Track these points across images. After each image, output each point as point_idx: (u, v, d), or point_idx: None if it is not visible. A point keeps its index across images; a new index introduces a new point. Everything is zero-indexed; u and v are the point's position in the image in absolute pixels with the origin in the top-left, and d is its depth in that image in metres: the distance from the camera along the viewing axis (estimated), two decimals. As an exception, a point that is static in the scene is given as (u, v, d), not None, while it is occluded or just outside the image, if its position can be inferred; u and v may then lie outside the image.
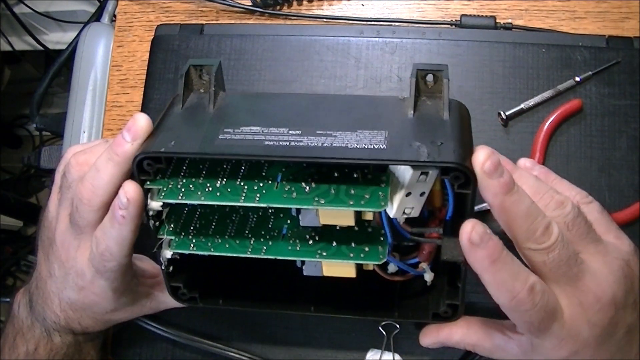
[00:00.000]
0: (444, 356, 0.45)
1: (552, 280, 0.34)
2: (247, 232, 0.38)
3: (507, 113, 0.48)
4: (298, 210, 0.36)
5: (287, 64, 0.51)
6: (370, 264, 0.37)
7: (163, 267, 0.38)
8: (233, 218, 0.39)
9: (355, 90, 0.50)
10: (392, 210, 0.34)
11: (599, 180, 0.47)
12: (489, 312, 0.37)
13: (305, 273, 0.38)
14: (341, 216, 0.34)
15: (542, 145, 0.47)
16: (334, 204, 0.33)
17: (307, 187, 0.34)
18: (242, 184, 0.35)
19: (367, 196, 0.33)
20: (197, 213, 0.39)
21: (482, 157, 0.32)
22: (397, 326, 0.45)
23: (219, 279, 0.43)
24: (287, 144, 0.34)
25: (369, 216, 0.36)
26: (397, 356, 0.45)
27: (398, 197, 0.34)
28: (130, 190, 0.35)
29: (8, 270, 1.13)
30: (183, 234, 0.38)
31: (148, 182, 0.35)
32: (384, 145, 0.33)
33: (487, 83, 0.49)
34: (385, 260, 0.36)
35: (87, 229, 0.38)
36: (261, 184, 0.35)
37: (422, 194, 0.34)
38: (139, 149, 0.35)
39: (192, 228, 0.38)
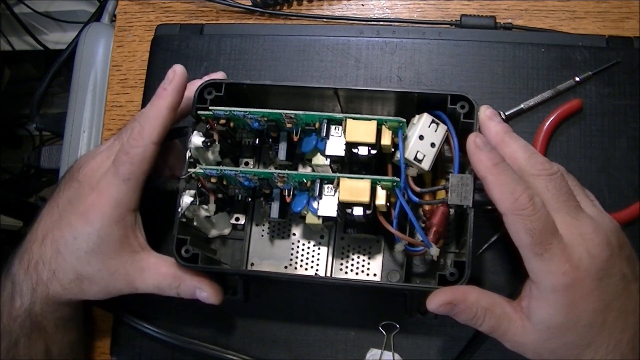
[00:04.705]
0: (443, 356, 0.45)
1: (554, 209, 0.36)
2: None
3: (507, 113, 0.48)
4: (327, 134, 0.41)
5: (287, 64, 0.51)
6: (383, 195, 0.40)
7: (179, 210, 0.41)
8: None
9: (356, 90, 0.50)
10: (407, 149, 0.40)
11: (599, 180, 0.47)
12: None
13: (320, 213, 0.40)
14: (365, 129, 0.40)
15: (542, 145, 0.47)
16: (360, 117, 0.40)
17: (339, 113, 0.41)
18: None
19: (388, 117, 0.40)
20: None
21: (484, 107, 0.40)
22: (397, 326, 0.45)
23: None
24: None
25: (387, 139, 0.40)
26: (397, 356, 0.45)
27: (412, 140, 0.41)
28: (178, 68, 0.42)
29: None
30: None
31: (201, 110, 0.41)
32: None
33: (487, 83, 0.49)
34: (398, 180, 0.39)
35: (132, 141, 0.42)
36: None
37: (432, 145, 0.41)
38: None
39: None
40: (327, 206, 0.40)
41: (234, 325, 0.47)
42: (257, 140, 0.44)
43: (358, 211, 0.39)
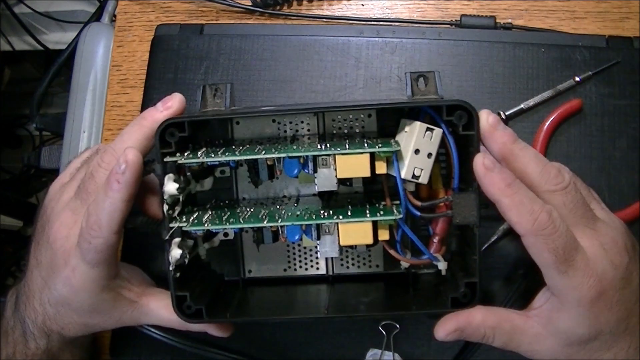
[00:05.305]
0: (443, 356, 0.45)
1: (573, 223, 0.35)
2: (260, 216, 0.39)
3: (507, 113, 0.48)
4: (314, 169, 0.38)
5: (287, 64, 0.51)
6: (385, 228, 0.38)
7: (171, 268, 0.38)
8: (245, 209, 0.41)
9: (355, 90, 0.50)
10: (404, 169, 0.37)
11: (599, 180, 0.47)
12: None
13: (320, 255, 0.38)
14: (357, 163, 0.36)
15: (542, 145, 0.47)
16: (351, 148, 0.36)
17: (324, 145, 0.37)
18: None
19: (380, 145, 0.37)
20: (209, 205, 0.41)
21: (485, 114, 0.36)
22: (397, 326, 0.45)
23: (221, 296, 0.43)
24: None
25: (382, 169, 0.37)
26: (397, 356, 0.45)
27: (408, 155, 0.37)
28: (130, 155, 0.37)
29: (8, 270, 1.13)
30: (196, 221, 0.38)
31: (167, 157, 0.37)
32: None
33: (487, 83, 0.49)
34: (400, 216, 0.37)
35: (93, 197, 0.39)
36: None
37: (429, 155, 0.38)
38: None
39: (204, 219, 0.39)
40: (328, 247, 0.38)
41: (233, 326, 0.47)
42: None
43: (362, 247, 0.39)
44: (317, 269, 0.45)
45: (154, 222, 0.41)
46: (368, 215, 0.37)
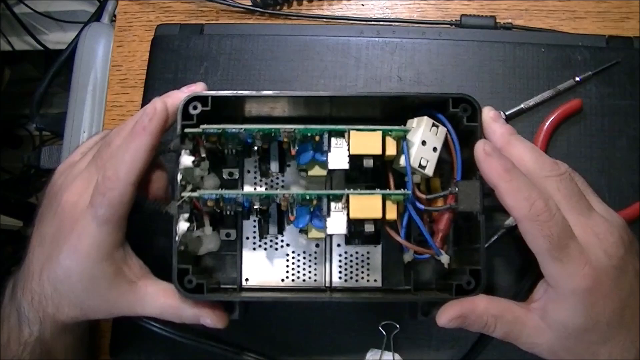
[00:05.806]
0: (443, 356, 0.45)
1: (567, 210, 0.36)
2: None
3: (507, 113, 0.48)
4: (328, 147, 0.39)
5: (287, 64, 0.51)
6: (394, 203, 0.39)
7: (177, 239, 0.38)
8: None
9: (355, 90, 0.50)
10: (412, 156, 0.39)
11: (599, 180, 0.47)
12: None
13: (329, 232, 0.39)
14: (370, 140, 0.38)
15: (542, 145, 0.47)
16: (364, 129, 0.38)
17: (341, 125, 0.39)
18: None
19: (393, 127, 0.39)
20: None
21: (487, 108, 0.39)
22: (397, 326, 0.45)
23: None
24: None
25: (392, 149, 0.39)
26: (397, 356, 0.45)
27: (415, 145, 0.40)
28: (158, 104, 0.38)
29: (8, 270, 1.13)
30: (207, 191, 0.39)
31: (188, 128, 0.38)
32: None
33: (487, 83, 0.49)
34: (409, 192, 0.38)
35: (110, 161, 0.39)
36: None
37: (434, 149, 0.40)
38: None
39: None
40: (337, 224, 0.38)
41: (233, 326, 0.47)
42: (242, 150, 0.41)
43: (369, 227, 0.38)
44: (315, 280, 0.44)
45: (159, 202, 0.41)
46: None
